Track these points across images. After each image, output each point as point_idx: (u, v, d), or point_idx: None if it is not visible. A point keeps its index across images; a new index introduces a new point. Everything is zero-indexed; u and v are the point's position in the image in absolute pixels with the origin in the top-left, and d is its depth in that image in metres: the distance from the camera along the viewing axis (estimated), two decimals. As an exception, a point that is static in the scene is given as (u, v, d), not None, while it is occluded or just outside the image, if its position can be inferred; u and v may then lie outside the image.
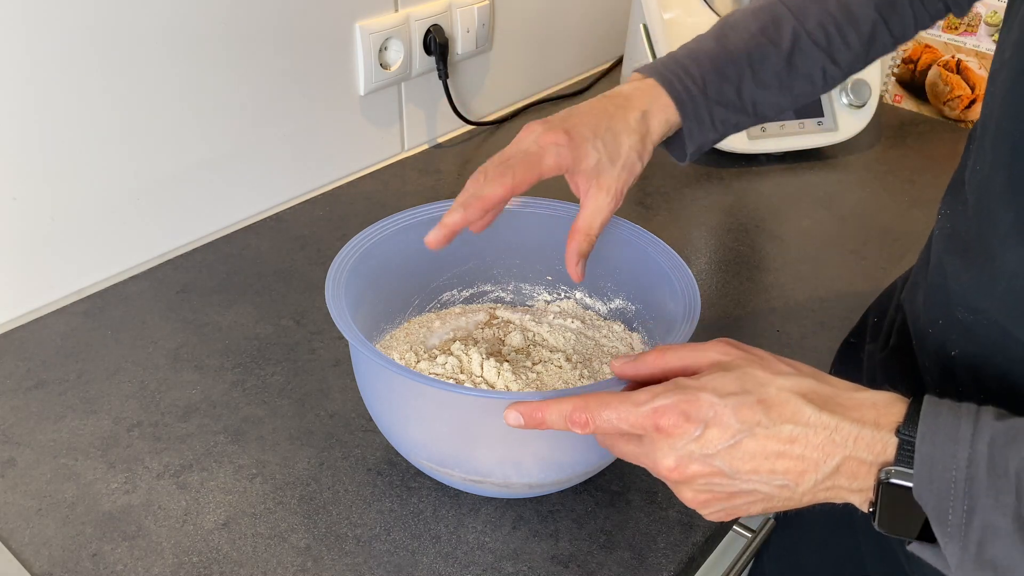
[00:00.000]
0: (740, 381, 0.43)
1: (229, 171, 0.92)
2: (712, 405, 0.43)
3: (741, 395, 0.43)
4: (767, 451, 0.42)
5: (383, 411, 0.60)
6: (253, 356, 0.77)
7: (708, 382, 0.44)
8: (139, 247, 0.87)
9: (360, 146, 1.06)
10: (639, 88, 0.63)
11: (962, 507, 0.39)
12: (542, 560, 0.60)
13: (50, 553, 0.59)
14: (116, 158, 0.81)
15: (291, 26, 0.91)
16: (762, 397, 0.43)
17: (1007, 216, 0.46)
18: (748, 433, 0.42)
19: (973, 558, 0.39)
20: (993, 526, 0.38)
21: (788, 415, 0.42)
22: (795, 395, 0.43)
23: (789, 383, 0.43)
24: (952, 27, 1.23)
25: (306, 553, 0.60)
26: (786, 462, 0.42)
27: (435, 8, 1.04)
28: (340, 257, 0.62)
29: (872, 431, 0.41)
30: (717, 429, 0.43)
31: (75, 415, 0.70)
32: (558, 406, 0.47)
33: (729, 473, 0.43)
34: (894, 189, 1.10)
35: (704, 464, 0.43)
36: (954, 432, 0.39)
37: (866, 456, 0.41)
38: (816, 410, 0.42)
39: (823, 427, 0.42)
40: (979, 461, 0.38)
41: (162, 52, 0.81)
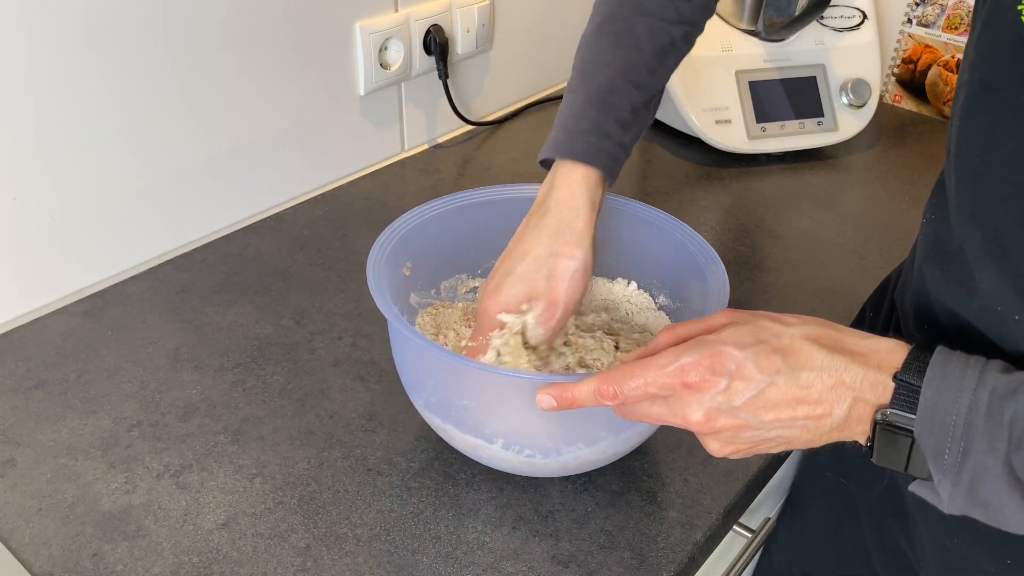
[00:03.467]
0: (755, 333, 0.46)
1: (229, 171, 0.92)
2: (734, 357, 0.45)
3: (758, 345, 0.45)
4: (789, 398, 0.45)
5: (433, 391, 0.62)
6: (253, 356, 0.77)
7: (728, 336, 0.46)
8: (139, 247, 0.87)
9: (360, 146, 1.06)
10: (570, 190, 0.63)
11: (958, 449, 0.42)
12: (542, 560, 0.60)
13: (50, 553, 0.59)
14: (116, 158, 0.81)
15: (291, 26, 0.91)
16: (778, 346, 0.45)
17: (976, 235, 0.47)
18: (770, 382, 0.45)
19: (964, 494, 0.42)
20: (984, 467, 0.41)
21: (804, 360, 0.45)
22: (808, 341, 0.45)
23: (800, 331, 0.46)
24: (952, 27, 1.23)
25: (306, 553, 0.60)
26: (806, 407, 0.45)
27: (435, 8, 1.04)
28: (385, 234, 0.66)
29: (876, 373, 0.44)
30: (741, 381, 0.45)
31: (75, 415, 0.70)
32: (586, 384, 0.49)
33: (755, 424, 0.46)
34: (894, 189, 1.10)
35: (731, 416, 0.46)
36: (959, 381, 0.42)
37: (870, 397, 0.44)
38: (828, 353, 0.45)
39: (834, 369, 0.44)
40: (979, 408, 0.41)
41: (162, 52, 0.81)
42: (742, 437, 0.47)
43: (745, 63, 1.12)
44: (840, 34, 1.16)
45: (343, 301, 0.84)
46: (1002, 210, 0.45)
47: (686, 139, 1.16)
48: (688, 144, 1.15)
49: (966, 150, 0.48)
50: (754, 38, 1.13)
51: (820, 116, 1.13)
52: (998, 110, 0.45)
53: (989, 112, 0.46)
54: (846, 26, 1.16)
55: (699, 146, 1.14)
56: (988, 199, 0.46)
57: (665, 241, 0.70)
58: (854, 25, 1.16)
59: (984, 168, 0.46)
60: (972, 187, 0.47)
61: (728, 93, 1.11)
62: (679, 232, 0.69)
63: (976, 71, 0.47)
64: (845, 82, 1.14)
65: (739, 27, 1.14)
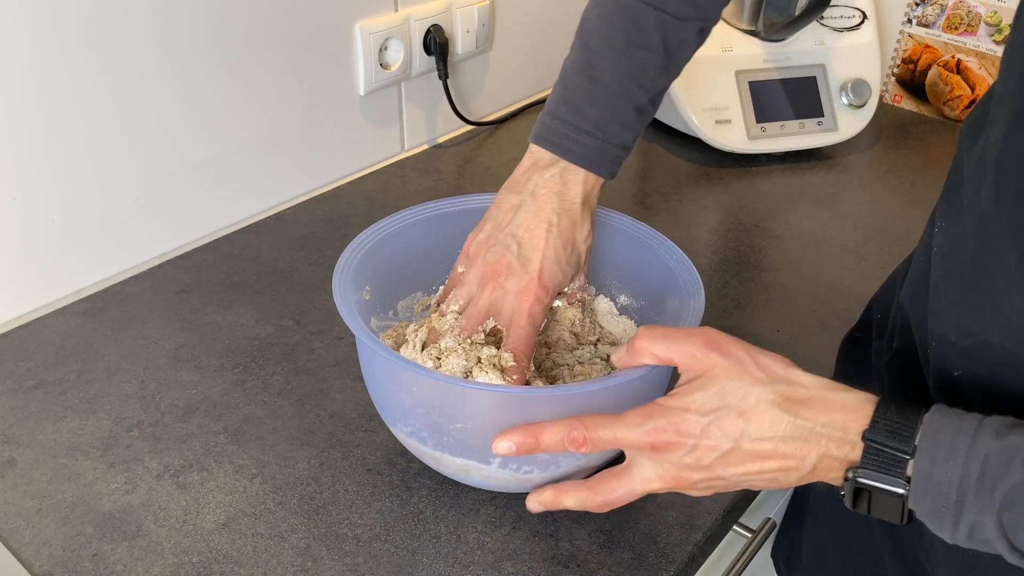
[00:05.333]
0: (719, 397, 0.48)
1: (229, 171, 0.92)
2: (698, 423, 0.48)
3: (722, 410, 0.47)
4: (755, 455, 0.47)
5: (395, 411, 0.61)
6: (253, 356, 0.77)
7: (691, 403, 0.48)
8: (139, 247, 0.87)
9: (360, 146, 1.06)
10: (563, 180, 0.64)
11: (952, 514, 0.42)
12: (542, 560, 0.60)
13: (50, 553, 0.59)
14: (117, 158, 0.81)
15: (291, 26, 0.91)
16: (742, 410, 0.47)
17: (1012, 256, 0.45)
18: (734, 444, 0.47)
19: (964, 541, 0.43)
20: (979, 524, 0.42)
21: (768, 424, 0.47)
22: (771, 405, 0.47)
23: (766, 392, 0.47)
24: (952, 27, 1.23)
25: (306, 553, 0.60)
26: (774, 462, 0.47)
27: (435, 8, 1.04)
28: (347, 252, 0.64)
29: (840, 434, 0.46)
30: (707, 443, 0.48)
31: (75, 415, 0.70)
32: (554, 429, 0.52)
33: (726, 477, 0.49)
34: (894, 189, 1.10)
35: (702, 472, 0.49)
36: (949, 451, 0.42)
37: (836, 454, 0.46)
38: (791, 417, 0.46)
39: (798, 431, 0.46)
40: (969, 480, 0.42)
41: (162, 52, 0.81)
42: (717, 486, 0.50)
43: (745, 63, 1.12)
44: (840, 34, 1.16)
45: (343, 301, 0.84)
46: None
47: (686, 139, 1.16)
48: (688, 144, 1.15)
49: (1011, 166, 0.45)
50: (754, 38, 1.13)
51: (820, 116, 1.13)
52: None
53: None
54: (846, 26, 1.16)
55: (699, 146, 1.14)
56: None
57: (633, 243, 0.69)
58: (854, 25, 1.16)
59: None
60: (1015, 206, 0.45)
61: (728, 93, 1.11)
62: (652, 239, 0.69)
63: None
64: (845, 82, 1.14)
65: (739, 27, 1.14)
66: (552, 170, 0.64)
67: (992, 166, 0.47)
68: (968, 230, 0.49)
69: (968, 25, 1.22)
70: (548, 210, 0.63)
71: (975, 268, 0.49)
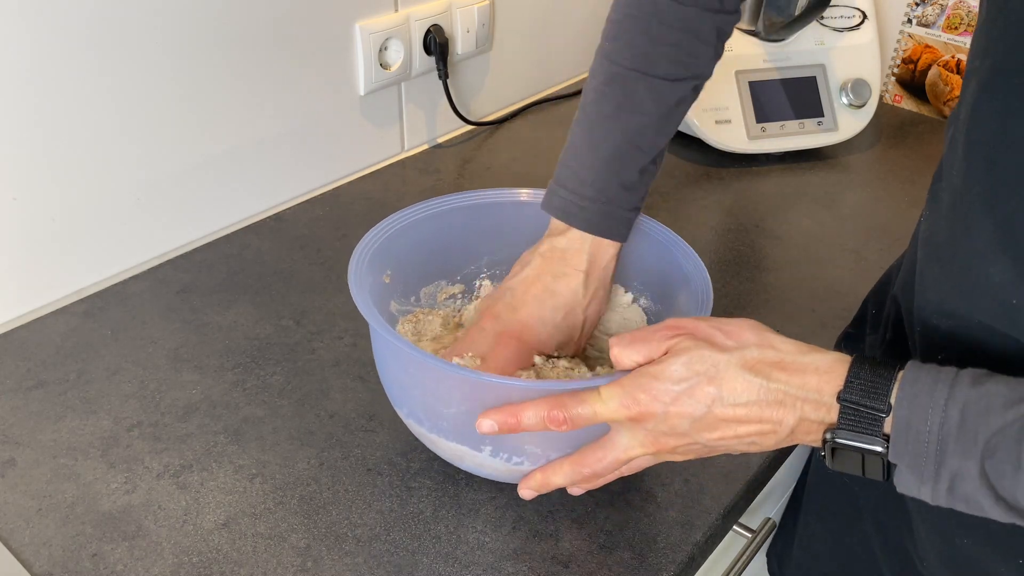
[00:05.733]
0: (688, 366, 0.48)
1: (229, 171, 0.92)
2: (669, 391, 0.48)
3: (693, 378, 0.48)
4: (730, 420, 0.47)
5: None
6: (253, 356, 0.77)
7: (663, 371, 0.48)
8: (139, 247, 0.87)
9: (360, 146, 1.06)
10: (570, 248, 0.66)
11: (933, 462, 0.43)
12: (542, 560, 0.60)
13: (50, 553, 0.59)
14: (116, 158, 0.81)
15: (291, 26, 0.91)
16: (712, 376, 0.47)
17: (986, 226, 0.46)
18: (707, 411, 0.47)
19: (944, 495, 0.43)
20: (960, 473, 0.42)
21: (740, 389, 0.47)
22: (742, 368, 0.47)
23: (735, 358, 0.47)
24: (952, 27, 1.23)
25: (306, 553, 0.60)
26: (749, 426, 0.47)
27: (435, 8, 1.04)
28: (370, 234, 0.66)
29: (816, 396, 0.46)
30: (678, 409, 0.48)
31: (75, 415, 0.70)
32: (534, 407, 0.52)
33: (702, 442, 0.49)
34: (894, 189, 1.10)
35: (678, 438, 0.50)
36: (928, 399, 0.43)
37: (813, 417, 0.46)
38: (764, 380, 0.47)
39: (772, 395, 0.46)
40: (950, 426, 0.42)
41: (162, 52, 0.81)
42: (694, 449, 0.51)
43: (745, 63, 1.12)
44: (840, 34, 1.16)
45: (343, 301, 0.84)
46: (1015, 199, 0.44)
47: (686, 139, 1.16)
48: (688, 144, 1.15)
49: (977, 138, 0.47)
50: (754, 38, 1.13)
51: (820, 116, 1.13)
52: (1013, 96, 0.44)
53: (1003, 98, 0.45)
54: (846, 26, 1.16)
55: (699, 146, 1.14)
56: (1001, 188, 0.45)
57: (652, 245, 0.70)
58: (854, 25, 1.16)
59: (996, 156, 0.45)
60: (983, 176, 0.46)
61: (728, 93, 1.11)
62: (667, 240, 0.69)
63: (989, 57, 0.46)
64: (845, 82, 1.14)
65: (739, 27, 1.14)
66: (563, 239, 0.66)
67: (961, 141, 0.48)
68: (944, 211, 0.51)
69: (968, 25, 1.22)
70: (549, 273, 0.66)
71: (951, 243, 0.50)
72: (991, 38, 0.46)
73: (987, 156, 0.46)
